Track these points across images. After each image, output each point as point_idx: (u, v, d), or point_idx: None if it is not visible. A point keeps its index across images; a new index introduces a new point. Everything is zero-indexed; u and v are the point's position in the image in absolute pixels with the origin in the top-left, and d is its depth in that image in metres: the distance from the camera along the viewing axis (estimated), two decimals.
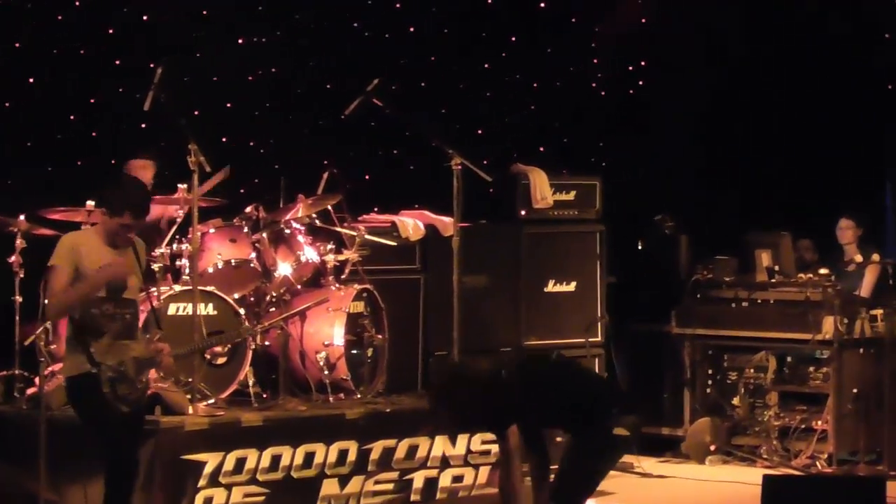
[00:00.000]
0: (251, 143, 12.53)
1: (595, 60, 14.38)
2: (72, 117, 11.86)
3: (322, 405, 10.49)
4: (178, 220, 10.54)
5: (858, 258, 12.74)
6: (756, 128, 13.99)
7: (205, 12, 12.29)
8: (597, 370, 12.31)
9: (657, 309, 13.12)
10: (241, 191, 11.54)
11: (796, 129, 14.04)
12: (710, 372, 13.06)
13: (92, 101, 11.90)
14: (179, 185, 10.57)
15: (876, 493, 8.86)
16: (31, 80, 11.67)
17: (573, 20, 14.10)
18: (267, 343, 10.67)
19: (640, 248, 13.62)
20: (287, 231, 10.94)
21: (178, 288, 10.32)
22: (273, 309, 10.77)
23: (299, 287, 10.93)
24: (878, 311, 12.33)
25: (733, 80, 13.93)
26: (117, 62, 11.83)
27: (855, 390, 12.20)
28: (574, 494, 8.38)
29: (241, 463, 9.85)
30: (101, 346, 8.35)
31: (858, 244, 12.79)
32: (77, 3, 11.79)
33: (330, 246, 11.06)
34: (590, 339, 12.28)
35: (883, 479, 9.79)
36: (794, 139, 14.01)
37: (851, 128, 14.08)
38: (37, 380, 9.98)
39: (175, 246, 10.53)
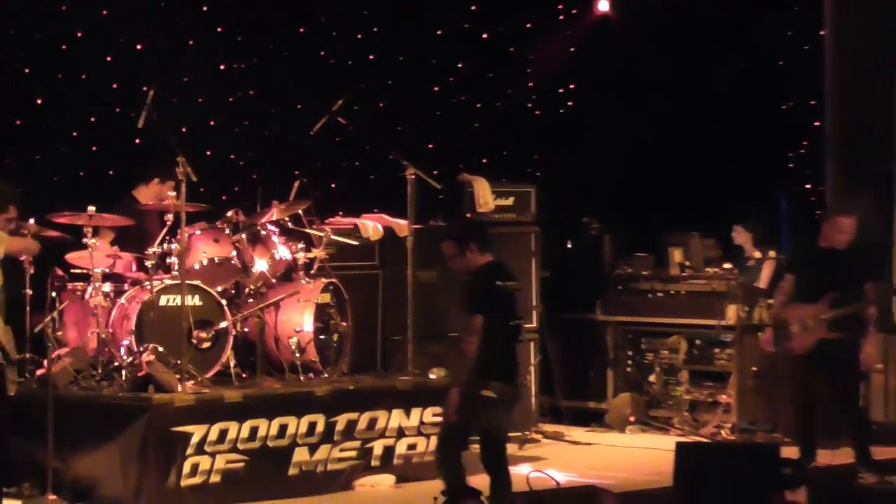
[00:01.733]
0: (231, 157, 12.48)
1: (530, 84, 14.42)
2: (74, 134, 11.79)
3: (294, 383, 10.47)
4: (169, 223, 10.49)
5: (757, 254, 12.82)
6: (671, 145, 14.04)
7: (191, 42, 12.28)
8: (532, 353, 12.42)
9: (584, 299, 13.19)
10: (223, 198, 11.47)
11: (705, 147, 14.09)
12: (629, 353, 13.13)
13: (92, 119, 11.85)
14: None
15: (770, 455, 8.97)
16: (39, 101, 11.61)
17: (511, 50, 14.13)
18: (246, 330, 10.64)
19: (569, 246, 13.67)
20: (263, 232, 10.90)
21: (168, 282, 10.29)
22: (251, 300, 10.74)
23: (274, 281, 10.88)
24: (774, 300, 12.43)
25: (652, 104, 13.96)
26: (114, 86, 11.77)
27: (754, 369, 12.29)
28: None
29: (223, 434, 9.82)
30: None
31: (754, 244, 12.84)
32: (79, 35, 11.72)
33: (300, 245, 11.03)
34: (526, 326, 12.30)
35: (777, 446, 9.90)
36: (704, 155, 14.05)
37: (752, 147, 14.20)
38: (45, 362, 9.93)
39: (166, 245, 10.44)
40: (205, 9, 12.37)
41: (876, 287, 10.95)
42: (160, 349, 10.03)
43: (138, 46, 11.98)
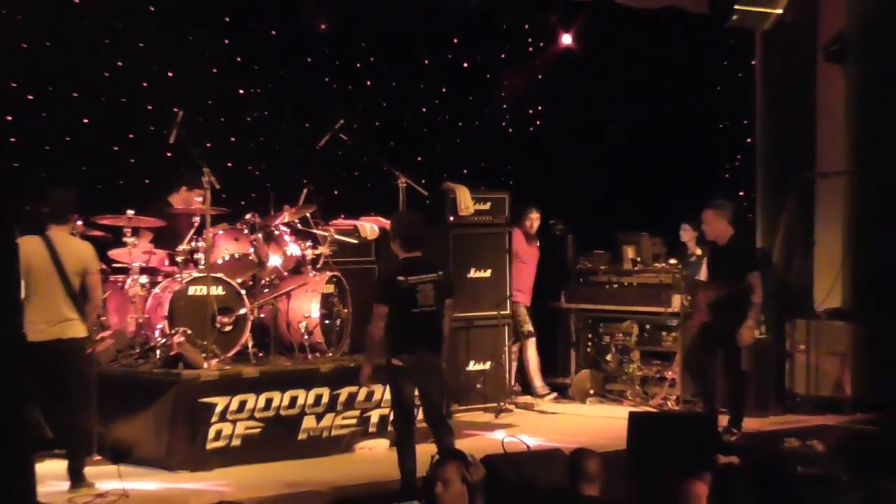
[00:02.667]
0: (248, 168, 12.46)
1: (503, 106, 14.40)
2: (115, 148, 11.77)
3: (303, 361, 10.51)
4: (196, 224, 10.53)
5: (698, 251, 12.85)
6: (625, 157, 14.06)
7: (213, 70, 12.27)
8: (506, 336, 12.38)
9: (551, 290, 13.24)
10: (242, 203, 11.46)
11: (655, 159, 14.09)
12: (589, 336, 13.17)
13: (130, 136, 11.82)
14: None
15: (709, 424, 9.07)
16: (86, 121, 11.59)
17: (487, 76, 14.16)
18: (262, 315, 10.67)
19: (537, 244, 13.73)
20: (276, 232, 10.94)
21: (195, 274, 10.35)
22: (266, 290, 10.78)
23: (285, 274, 10.93)
24: None
25: (608, 123, 13.98)
26: (149, 107, 11.74)
27: None
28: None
29: (242, 404, 9.88)
30: None
31: (697, 242, 12.86)
32: (119, 64, 11.72)
33: (308, 243, 11.07)
34: (500, 312, 12.33)
35: (715, 415, 10.02)
36: (653, 166, 14.05)
37: (695, 159, 14.21)
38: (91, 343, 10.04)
39: (193, 243, 10.50)
40: (226, 42, 12.34)
41: (761, 277, 11.05)
42: (189, 332, 10.09)
43: (169, 74, 11.95)
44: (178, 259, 10.45)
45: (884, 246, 12.88)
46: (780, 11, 12.27)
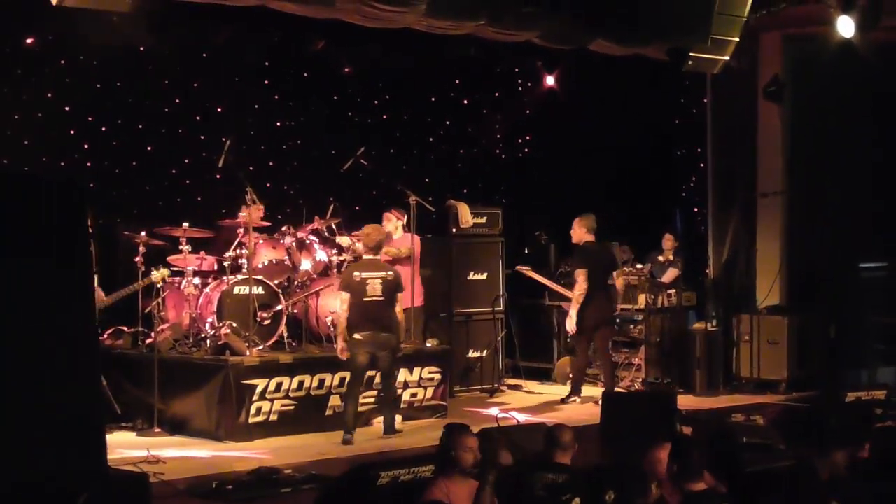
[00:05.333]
0: (284, 187, 12.48)
1: (498, 136, 14.43)
2: (173, 171, 11.82)
3: (329, 350, 10.39)
4: (240, 235, 10.55)
5: (671, 257, 12.88)
6: (599, 179, 14.06)
7: (255, 106, 12.31)
8: (499, 328, 12.39)
9: (536, 289, 13.15)
10: (279, 217, 11.50)
11: (623, 180, 14.09)
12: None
13: (186, 161, 11.86)
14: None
15: (668, 401, 9.05)
16: (149, 148, 11.62)
17: (484, 112, 14.16)
18: (295, 311, 10.66)
19: (526, 252, 13.71)
20: (307, 241, 10.94)
21: (240, 277, 10.35)
22: (299, 290, 10.75)
23: (315, 276, 10.90)
24: (672, 291, 12.51)
25: (585, 150, 13.95)
26: (202, 137, 11.79)
27: (658, 339, 12.29)
28: None
29: (279, 385, 9.86)
30: None
31: (674, 252, 12.91)
32: (177, 101, 11.77)
33: (334, 250, 11.06)
34: (495, 308, 12.35)
35: (674, 393, 10.00)
36: (622, 186, 14.08)
37: (656, 180, 14.23)
38: (153, 334, 10.03)
39: (238, 251, 10.51)
40: (266, 82, 12.39)
41: (586, 274, 11.26)
42: (234, 325, 10.09)
43: (218, 109, 12.01)
44: (225, 264, 10.46)
45: (813, 253, 12.95)
46: (727, 58, 12.30)
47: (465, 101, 13.97)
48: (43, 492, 5.65)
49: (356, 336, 9.62)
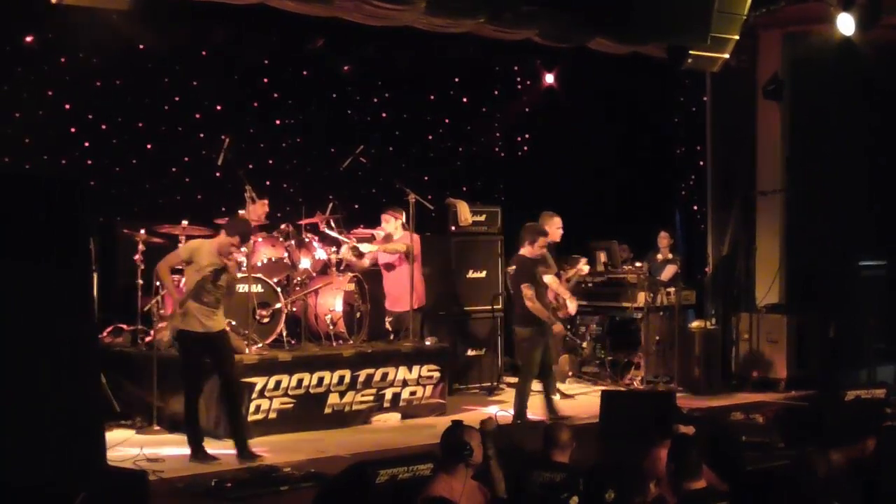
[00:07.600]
0: (284, 185, 12.46)
1: (497, 134, 14.41)
2: (174, 169, 11.80)
3: (328, 348, 10.48)
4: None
5: (668, 255, 12.88)
6: (600, 177, 14.04)
7: (255, 104, 12.30)
8: (498, 326, 12.32)
9: None
10: (278, 215, 11.47)
11: (623, 178, 14.12)
12: (568, 327, 13.06)
13: (186, 159, 11.84)
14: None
15: (668, 401, 9.03)
16: (149, 146, 11.59)
17: (483, 110, 14.14)
18: (294, 309, 10.64)
19: None
20: (306, 239, 10.93)
21: (239, 275, 10.25)
22: (298, 288, 10.73)
23: (314, 274, 10.89)
24: (671, 290, 12.51)
25: (585, 147, 13.96)
26: (201, 135, 11.77)
27: (657, 338, 12.29)
28: None
29: (278, 383, 9.87)
30: None
31: (670, 248, 12.91)
32: (177, 99, 11.74)
33: (333, 248, 11.06)
34: (494, 307, 12.31)
35: (673, 393, 9.99)
36: (622, 184, 14.10)
37: (657, 179, 14.25)
38: (152, 332, 10.01)
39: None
40: (265, 81, 12.36)
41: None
42: (233, 323, 9.98)
43: (217, 107, 11.98)
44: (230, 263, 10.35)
45: (812, 252, 12.93)
46: (726, 56, 12.32)
47: (465, 100, 13.94)
48: (42, 490, 5.64)
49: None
